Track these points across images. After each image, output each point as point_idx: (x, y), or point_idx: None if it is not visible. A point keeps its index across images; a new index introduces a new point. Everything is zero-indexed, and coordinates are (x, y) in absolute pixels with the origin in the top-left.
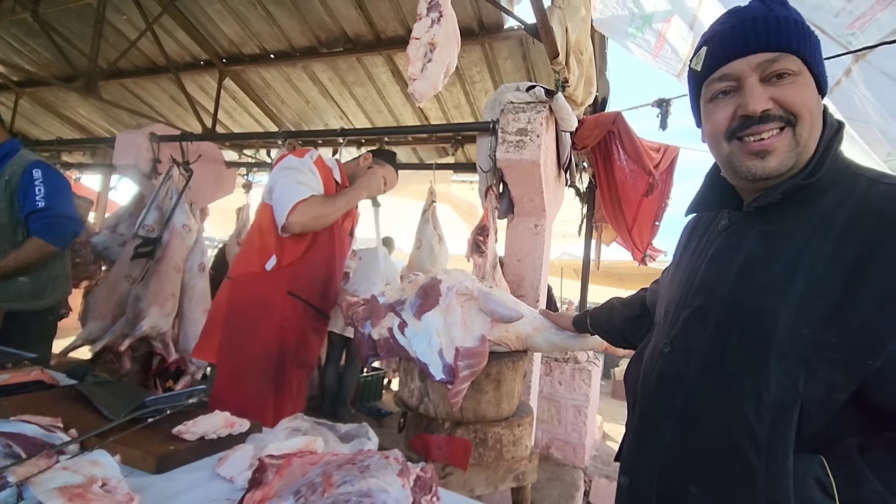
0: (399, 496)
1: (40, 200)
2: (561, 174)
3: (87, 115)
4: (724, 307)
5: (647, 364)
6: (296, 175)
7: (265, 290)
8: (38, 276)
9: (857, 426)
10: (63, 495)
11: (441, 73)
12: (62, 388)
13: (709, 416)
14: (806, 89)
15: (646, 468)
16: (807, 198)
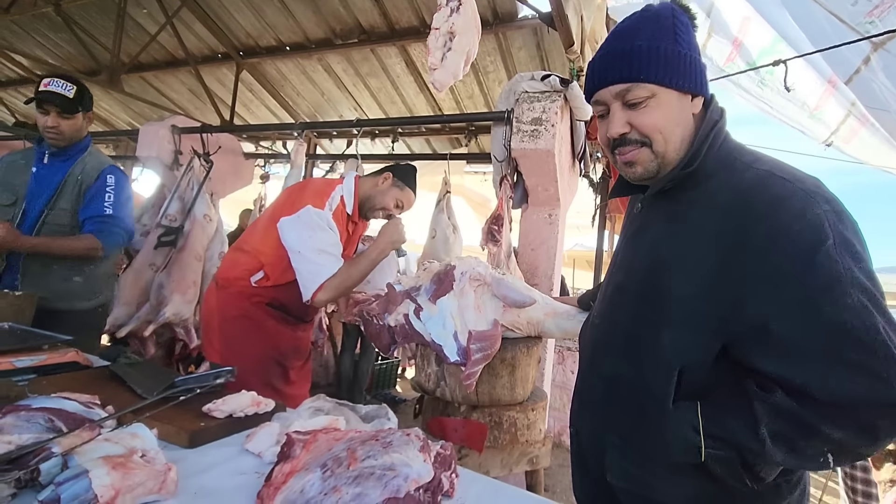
0: (421, 470)
1: (108, 207)
2: (575, 164)
3: (110, 108)
4: (635, 282)
5: (588, 333)
6: (318, 239)
7: (248, 304)
8: (90, 275)
9: (731, 377)
10: (107, 463)
11: (461, 62)
12: (96, 369)
13: (623, 378)
14: (657, 111)
15: (585, 421)
16: (697, 182)
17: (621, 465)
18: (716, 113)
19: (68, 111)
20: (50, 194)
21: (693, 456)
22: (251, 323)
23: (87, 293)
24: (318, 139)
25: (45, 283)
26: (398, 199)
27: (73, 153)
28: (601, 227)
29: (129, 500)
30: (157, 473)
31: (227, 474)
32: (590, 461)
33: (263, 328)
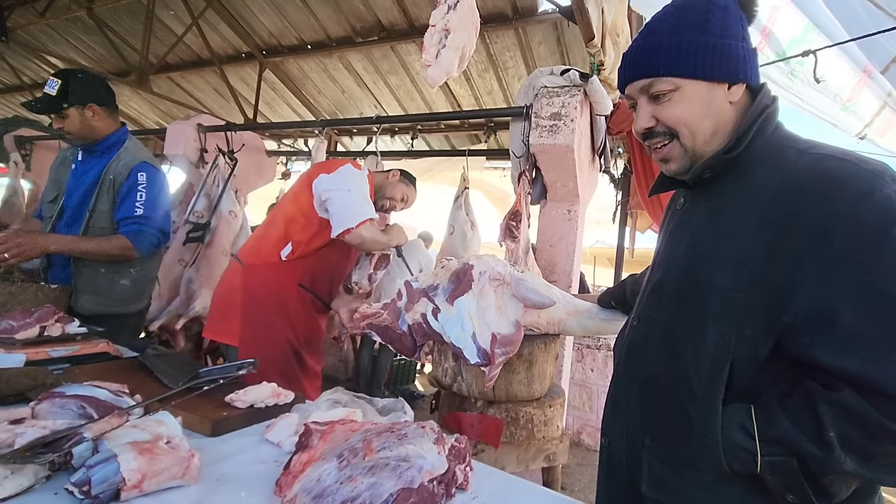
0: (435, 462)
1: (139, 207)
2: (595, 159)
3: (139, 107)
4: (675, 280)
5: (624, 335)
6: (362, 190)
7: (279, 281)
8: (137, 278)
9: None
10: (134, 448)
11: (455, 58)
12: (125, 360)
13: (661, 379)
14: (681, 104)
15: (617, 428)
16: (743, 172)
17: (658, 474)
18: (766, 99)
19: (54, 110)
20: (84, 192)
21: (746, 464)
22: (278, 301)
23: (133, 297)
24: (338, 136)
25: (96, 286)
26: (405, 194)
27: (103, 150)
28: (622, 223)
29: (155, 484)
30: (181, 459)
31: (247, 462)
32: (621, 471)
33: (287, 312)
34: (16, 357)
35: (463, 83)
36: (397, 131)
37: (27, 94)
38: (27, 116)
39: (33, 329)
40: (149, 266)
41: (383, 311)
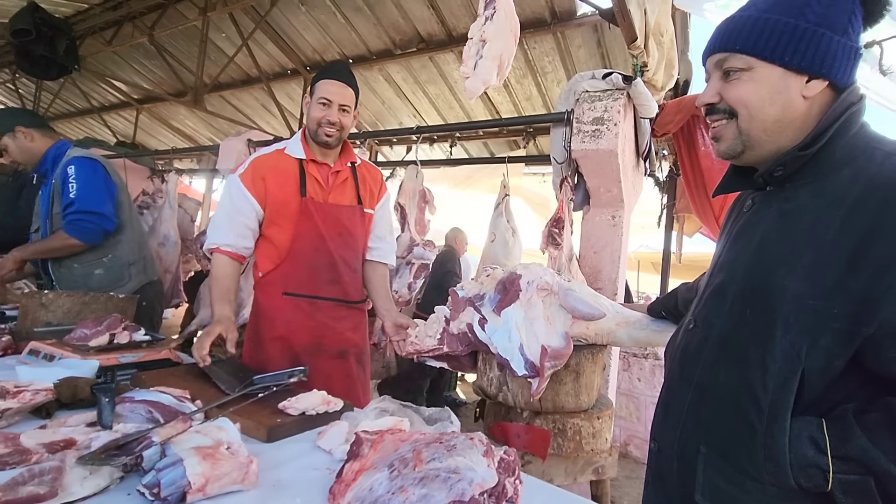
0: (485, 475)
1: (72, 194)
2: (640, 163)
3: (193, 125)
4: (740, 284)
5: (677, 339)
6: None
7: (263, 296)
8: (111, 265)
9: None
10: (198, 454)
11: (492, 68)
12: (185, 366)
13: (721, 386)
14: (748, 85)
15: (669, 434)
16: (821, 173)
17: (714, 484)
18: (852, 96)
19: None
20: (47, 205)
21: (815, 480)
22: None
23: (112, 283)
24: (378, 146)
25: (74, 283)
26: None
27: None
28: (668, 227)
29: (217, 488)
30: (240, 465)
31: (301, 469)
32: (672, 479)
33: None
34: (89, 363)
35: (501, 90)
36: (436, 140)
37: (96, 117)
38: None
39: (104, 336)
40: (120, 251)
41: (441, 346)
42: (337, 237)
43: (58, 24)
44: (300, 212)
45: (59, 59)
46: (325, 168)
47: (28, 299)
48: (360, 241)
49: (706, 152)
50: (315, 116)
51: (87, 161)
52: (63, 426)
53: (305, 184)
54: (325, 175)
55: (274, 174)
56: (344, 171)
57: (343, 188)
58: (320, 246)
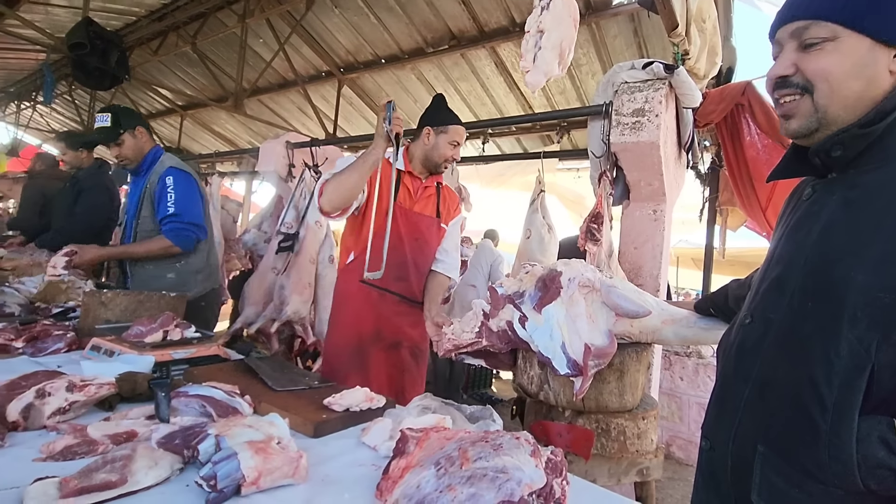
0: (533, 475)
1: (171, 206)
2: (682, 155)
3: (234, 129)
4: (800, 276)
5: (732, 335)
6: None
7: (342, 283)
8: (181, 271)
9: None
10: (251, 448)
11: (553, 58)
12: (234, 362)
13: (781, 382)
14: (832, 56)
15: (723, 432)
16: (888, 158)
17: (773, 484)
18: None
19: (113, 138)
20: (135, 207)
21: (885, 482)
22: (342, 301)
23: (179, 287)
24: None
25: (146, 282)
26: (449, 142)
27: (144, 168)
28: (710, 221)
29: (269, 481)
30: (291, 459)
31: (347, 465)
32: (726, 478)
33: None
34: (146, 359)
35: None
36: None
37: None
38: None
39: (158, 333)
40: (192, 259)
41: (480, 339)
42: (413, 241)
43: (110, 36)
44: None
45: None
46: (418, 181)
47: (89, 298)
48: (432, 249)
49: (752, 142)
50: (444, 154)
51: (184, 174)
52: (125, 419)
53: (398, 191)
54: (416, 187)
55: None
56: (431, 187)
57: (427, 201)
58: (398, 245)
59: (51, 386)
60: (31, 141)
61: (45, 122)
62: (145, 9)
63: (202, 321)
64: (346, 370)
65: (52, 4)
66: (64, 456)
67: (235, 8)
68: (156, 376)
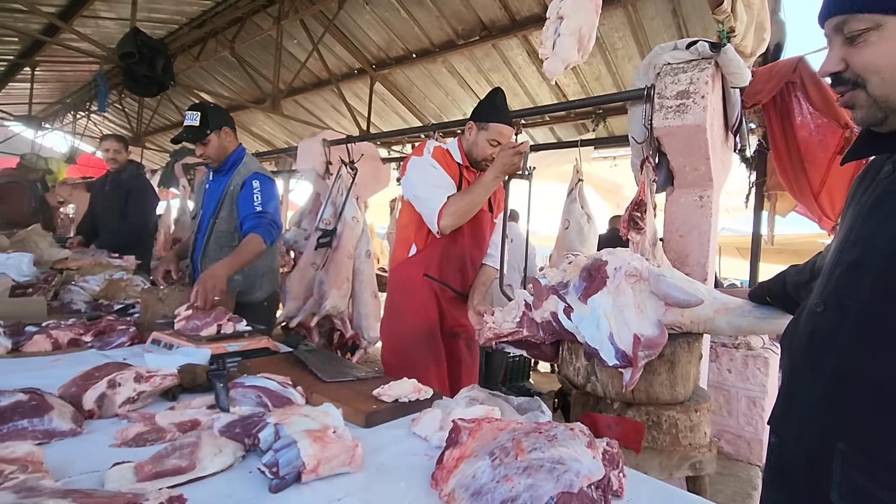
0: (592, 467)
1: (258, 205)
2: (729, 137)
3: (271, 130)
4: (882, 260)
5: (800, 324)
6: (426, 178)
7: (406, 275)
8: (248, 273)
9: None
10: (309, 436)
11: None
12: (283, 354)
13: (863, 374)
14: (878, 46)
15: (795, 427)
16: None
17: (856, 483)
18: None
19: (200, 137)
20: (214, 205)
21: None
22: (407, 291)
23: (247, 289)
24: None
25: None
26: (490, 140)
27: (227, 168)
28: (757, 207)
29: (327, 469)
30: (347, 448)
31: (400, 454)
32: (800, 476)
33: (416, 296)
34: (203, 352)
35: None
36: None
37: None
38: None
39: (212, 327)
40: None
41: (521, 330)
42: (472, 237)
43: (155, 44)
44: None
45: (158, 76)
46: (473, 174)
47: (147, 294)
48: (486, 243)
49: (804, 122)
50: (483, 153)
51: (268, 179)
52: (188, 408)
53: (461, 185)
54: (473, 179)
55: (446, 165)
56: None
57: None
58: (458, 240)
59: (120, 377)
60: (86, 148)
61: (99, 130)
62: (186, 17)
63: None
64: (410, 359)
65: (102, 17)
66: (136, 442)
67: (270, 10)
68: (213, 368)
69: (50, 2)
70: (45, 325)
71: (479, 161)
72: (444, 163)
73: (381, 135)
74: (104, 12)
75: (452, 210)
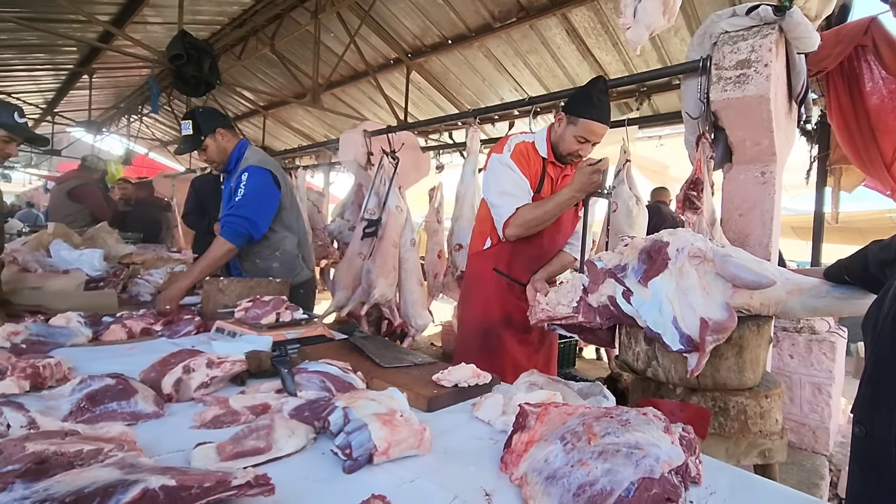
0: (671, 452)
1: (236, 200)
2: (793, 108)
3: (311, 124)
4: None
5: (884, 306)
6: (498, 182)
7: (479, 267)
8: (283, 259)
9: None
10: (379, 419)
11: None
12: (339, 341)
13: None
14: None
15: (882, 417)
16: None
17: None
18: None
19: (197, 146)
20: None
21: None
22: (476, 284)
23: (287, 273)
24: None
25: (258, 272)
26: (577, 136)
27: (233, 165)
28: (820, 183)
29: (397, 452)
30: (416, 432)
31: (465, 438)
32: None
33: (484, 289)
34: (265, 339)
35: (609, 49)
36: (539, 112)
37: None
38: None
39: (271, 316)
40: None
41: (576, 315)
42: (551, 234)
43: (202, 45)
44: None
45: (205, 76)
46: (559, 169)
47: (209, 286)
48: (567, 235)
49: (875, 88)
50: (569, 148)
51: (259, 170)
52: (258, 392)
53: (543, 182)
54: (557, 175)
55: (527, 164)
56: (570, 175)
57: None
58: (536, 239)
59: (194, 363)
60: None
61: (151, 133)
62: (227, 17)
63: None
64: (476, 350)
65: (149, 22)
66: (214, 424)
67: (308, 5)
68: (276, 354)
69: (103, 11)
70: (119, 316)
71: (564, 155)
72: (525, 160)
73: (420, 123)
74: (151, 17)
75: (520, 222)
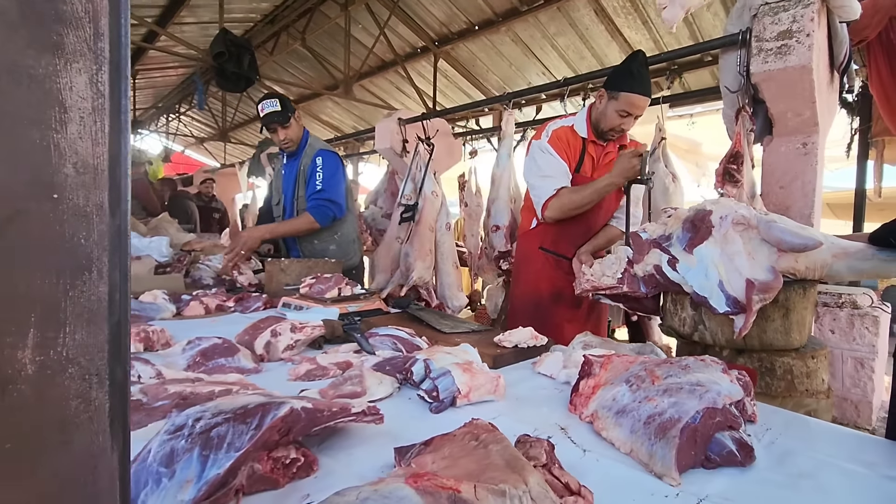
0: (731, 389)
1: (319, 184)
2: (835, 78)
3: (339, 116)
4: None
5: None
6: (538, 166)
7: (525, 246)
8: (340, 242)
9: None
10: (459, 367)
11: None
12: (397, 313)
13: None
14: None
15: None
16: None
17: None
18: None
19: (284, 121)
20: (292, 186)
21: None
22: (525, 261)
23: (342, 255)
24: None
25: (315, 253)
26: (619, 111)
27: (299, 149)
28: (861, 157)
29: (476, 396)
30: (491, 379)
31: (532, 389)
32: None
33: (532, 266)
34: (332, 310)
35: (638, 27)
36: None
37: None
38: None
39: (334, 290)
40: (346, 229)
41: (621, 286)
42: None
43: (241, 42)
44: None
45: (245, 72)
46: (600, 148)
47: (271, 266)
48: (610, 213)
49: None
50: (611, 124)
51: (332, 155)
52: (338, 353)
53: (583, 162)
54: (598, 153)
55: (566, 147)
56: (613, 151)
57: (609, 166)
58: (583, 219)
59: (280, 327)
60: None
61: (189, 131)
62: (260, 13)
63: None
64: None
65: (186, 23)
66: (308, 377)
67: None
68: (346, 322)
69: (147, 14)
70: (195, 294)
71: (606, 131)
72: (564, 144)
73: (453, 109)
74: (188, 17)
75: (559, 205)
